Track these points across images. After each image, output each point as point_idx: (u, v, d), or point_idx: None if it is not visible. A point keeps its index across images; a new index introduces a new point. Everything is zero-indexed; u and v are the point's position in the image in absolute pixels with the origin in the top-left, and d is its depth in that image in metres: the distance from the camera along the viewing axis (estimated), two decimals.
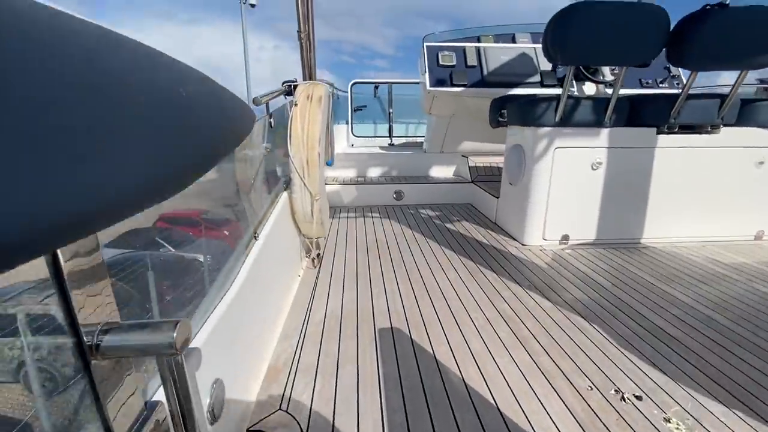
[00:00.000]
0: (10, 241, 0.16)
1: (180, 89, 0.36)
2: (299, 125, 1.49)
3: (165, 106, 0.32)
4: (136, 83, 0.28)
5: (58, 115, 0.19)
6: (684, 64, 1.77)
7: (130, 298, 3.77)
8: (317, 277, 1.70)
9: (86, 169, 0.20)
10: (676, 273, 1.75)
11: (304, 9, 1.62)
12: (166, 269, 5.24)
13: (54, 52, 0.20)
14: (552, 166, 2.01)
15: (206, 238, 1.64)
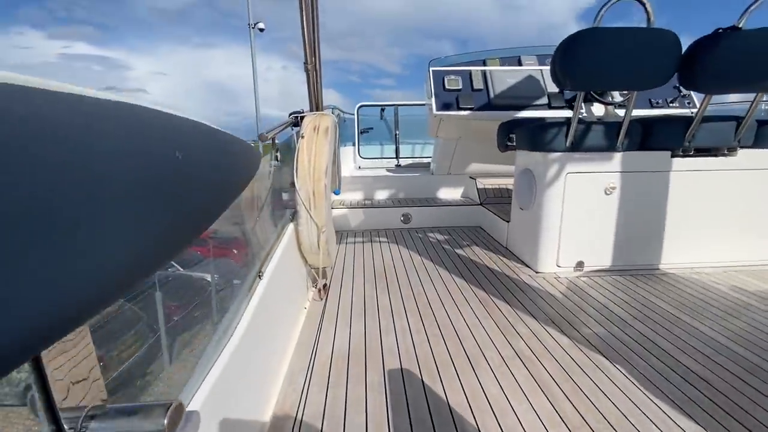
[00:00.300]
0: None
1: (176, 153, 0.34)
2: (306, 157, 1.47)
3: (158, 175, 0.29)
4: (123, 155, 0.25)
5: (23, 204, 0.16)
6: (697, 88, 1.73)
7: (138, 320, 3.80)
8: (324, 309, 1.65)
9: (69, 261, 0.18)
10: (700, 303, 1.67)
11: (310, 40, 1.62)
12: (174, 289, 5.34)
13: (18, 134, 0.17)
14: (564, 191, 1.97)
15: (214, 257, 1.60)
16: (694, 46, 1.68)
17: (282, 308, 1.36)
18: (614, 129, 1.89)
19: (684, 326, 1.49)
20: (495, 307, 1.66)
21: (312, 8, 1.54)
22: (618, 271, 2.03)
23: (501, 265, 2.19)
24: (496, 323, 1.53)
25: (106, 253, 0.21)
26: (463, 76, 2.82)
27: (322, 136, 1.52)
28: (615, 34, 1.63)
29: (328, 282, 1.90)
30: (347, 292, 1.82)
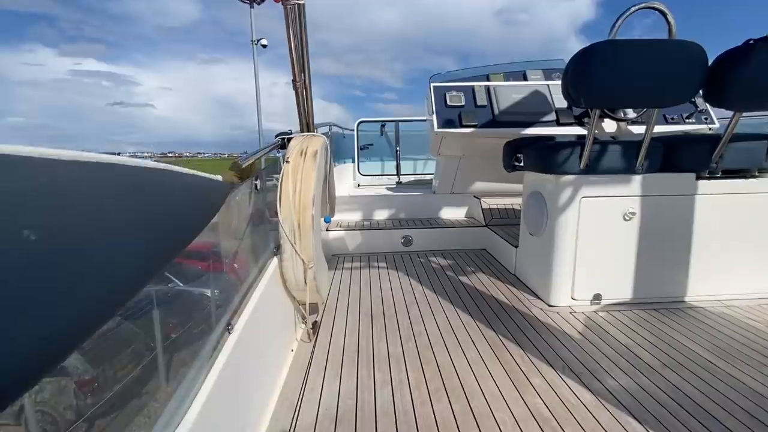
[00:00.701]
0: None
1: (126, 199, 0.45)
2: (290, 185, 1.31)
3: (108, 219, 0.40)
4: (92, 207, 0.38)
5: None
6: (725, 105, 1.57)
7: (136, 337, 3.52)
8: (312, 353, 1.47)
9: None
10: (736, 346, 1.47)
11: (299, 57, 1.49)
12: (173, 305, 5.00)
13: None
14: (578, 216, 1.79)
15: (214, 271, 1.44)
16: (722, 60, 1.52)
17: (262, 357, 1.19)
18: (633, 149, 1.72)
19: (719, 374, 1.30)
20: (505, 350, 1.48)
21: (299, 24, 1.41)
22: (639, 304, 1.84)
23: (509, 296, 2.00)
24: (507, 372, 1.34)
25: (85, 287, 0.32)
26: (466, 92, 2.67)
27: (310, 161, 1.36)
28: (634, 46, 1.48)
29: (319, 318, 1.72)
30: (340, 331, 1.64)
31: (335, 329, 1.66)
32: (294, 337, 1.60)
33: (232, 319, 1.02)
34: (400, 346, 1.51)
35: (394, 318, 1.76)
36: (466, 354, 1.45)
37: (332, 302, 1.95)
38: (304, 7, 1.39)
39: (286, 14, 1.36)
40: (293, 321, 1.61)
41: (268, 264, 1.39)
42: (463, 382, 1.28)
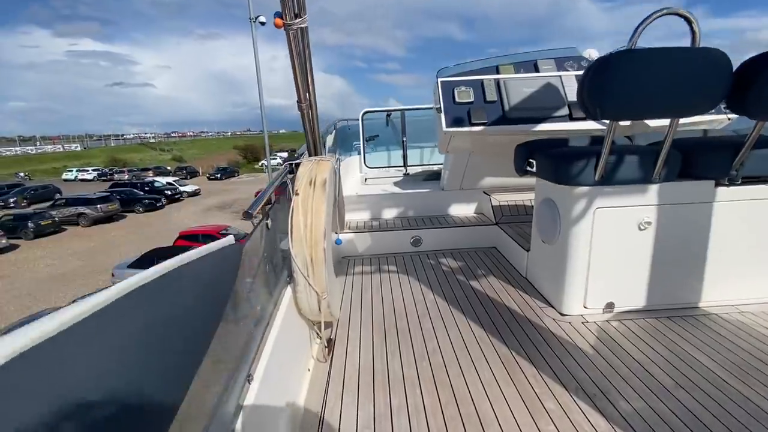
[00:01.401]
0: None
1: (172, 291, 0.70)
2: (301, 219, 1.30)
3: None
4: None
5: None
6: (749, 113, 1.50)
7: None
8: (329, 376, 1.50)
9: None
10: (750, 360, 1.47)
11: (303, 78, 1.44)
12: None
13: None
14: (592, 227, 1.76)
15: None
16: (745, 67, 1.44)
17: (282, 384, 1.22)
18: (650, 158, 1.67)
19: (733, 394, 1.31)
20: (518, 369, 1.49)
21: (303, 46, 1.35)
22: (652, 311, 1.83)
23: (522, 303, 2.00)
24: (521, 395, 1.36)
25: None
26: (475, 87, 2.58)
27: (320, 191, 1.34)
28: (653, 56, 1.40)
29: (334, 335, 1.75)
30: (354, 349, 1.66)
31: (350, 346, 1.69)
32: (310, 354, 1.63)
33: (251, 368, 1.03)
34: (414, 367, 1.53)
35: (407, 332, 1.78)
36: (480, 375, 1.47)
37: (345, 312, 1.97)
38: (307, 30, 1.33)
39: (289, 39, 1.30)
40: (308, 339, 1.64)
41: (283, 294, 1.40)
42: (478, 408, 1.31)
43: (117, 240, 18.99)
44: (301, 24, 1.26)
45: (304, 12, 1.26)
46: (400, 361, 1.57)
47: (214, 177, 41.27)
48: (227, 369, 0.92)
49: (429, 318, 1.90)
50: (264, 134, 16.92)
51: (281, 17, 1.22)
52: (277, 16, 1.22)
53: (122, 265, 13.07)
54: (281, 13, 1.22)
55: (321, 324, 1.48)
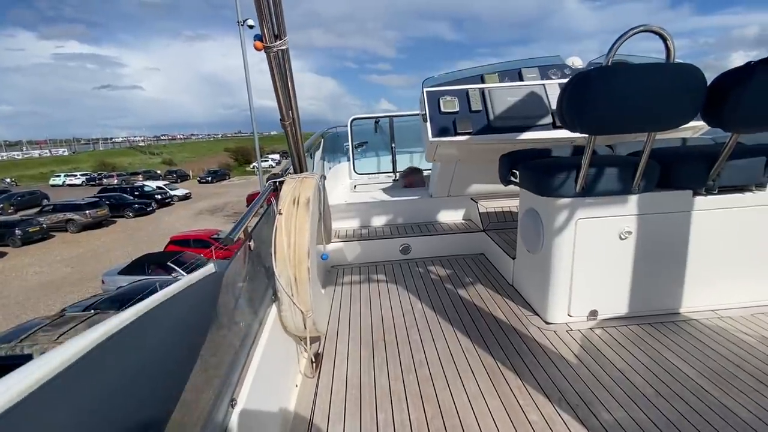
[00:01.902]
0: None
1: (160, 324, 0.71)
2: (284, 238, 1.30)
3: None
4: None
5: None
6: (724, 126, 1.54)
7: None
8: (315, 393, 1.50)
9: None
10: (730, 367, 1.51)
11: (285, 97, 1.44)
12: None
13: None
14: (575, 237, 1.79)
15: (218, 259, 1.46)
16: (720, 81, 1.48)
17: (269, 401, 1.23)
18: (629, 169, 1.70)
19: (712, 403, 1.34)
20: (503, 381, 1.51)
21: (284, 67, 1.36)
22: (635, 318, 1.87)
23: (508, 312, 2.03)
24: (506, 407, 1.38)
25: None
26: (460, 96, 2.61)
27: (303, 210, 1.35)
28: (630, 72, 1.43)
29: (321, 349, 1.76)
30: (342, 363, 1.68)
31: (337, 360, 1.70)
32: (298, 370, 1.64)
33: (235, 391, 1.04)
34: (401, 381, 1.55)
35: (394, 344, 1.79)
36: (465, 387, 1.49)
37: (333, 325, 1.98)
38: (288, 51, 1.34)
39: (270, 60, 1.31)
40: (296, 355, 1.65)
41: (268, 312, 1.41)
42: (463, 421, 1.33)
43: (107, 246, 18.76)
44: (281, 46, 1.27)
45: (284, 34, 1.27)
46: (387, 375, 1.58)
47: (205, 180, 40.96)
48: (210, 397, 0.92)
49: (417, 329, 1.91)
50: (254, 136, 16.83)
51: (261, 40, 1.23)
52: (257, 39, 1.23)
53: (112, 272, 12.91)
54: (261, 36, 1.23)
55: (307, 340, 1.49)
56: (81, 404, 0.49)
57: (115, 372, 0.56)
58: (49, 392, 0.46)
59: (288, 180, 1.48)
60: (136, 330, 0.62)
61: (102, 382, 0.54)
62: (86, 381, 0.52)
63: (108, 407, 0.53)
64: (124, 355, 0.58)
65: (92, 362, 0.52)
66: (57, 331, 7.55)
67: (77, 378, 0.50)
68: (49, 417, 0.46)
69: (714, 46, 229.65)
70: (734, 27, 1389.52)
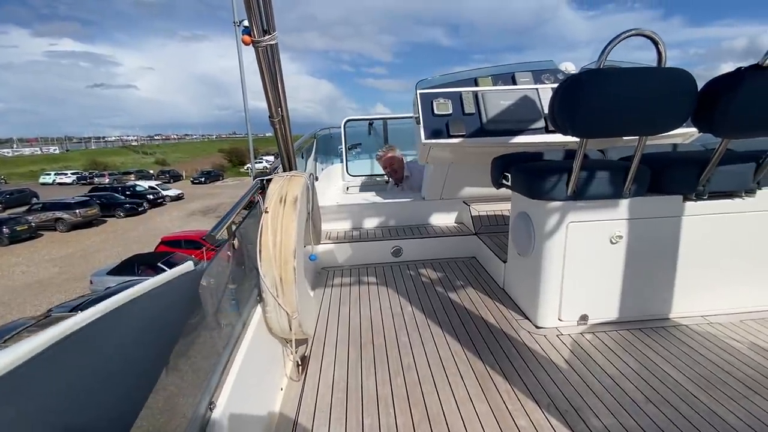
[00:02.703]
0: None
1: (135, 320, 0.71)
2: (270, 238, 1.27)
3: None
4: None
5: None
6: (714, 131, 1.54)
7: None
8: (301, 397, 1.47)
9: None
10: (719, 374, 1.50)
11: (274, 94, 1.42)
12: None
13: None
14: (565, 240, 1.78)
15: (208, 260, 1.43)
16: (711, 86, 1.48)
17: (253, 403, 1.19)
18: (620, 174, 1.70)
19: (701, 409, 1.33)
20: (492, 386, 1.49)
21: (273, 62, 1.34)
22: (625, 323, 1.86)
23: (498, 316, 2.01)
24: (494, 412, 1.36)
25: None
26: (453, 99, 2.60)
27: (290, 209, 1.32)
28: (622, 76, 1.43)
29: (308, 352, 1.72)
30: (329, 366, 1.64)
31: (325, 363, 1.67)
32: (283, 372, 1.60)
33: (215, 394, 1.01)
34: (389, 384, 1.52)
35: (383, 348, 1.76)
36: (454, 392, 1.47)
37: (322, 327, 1.95)
38: (277, 47, 1.32)
39: (258, 56, 1.28)
40: (281, 358, 1.61)
41: (252, 313, 1.37)
42: (451, 427, 1.30)
43: (96, 246, 18.51)
44: (270, 41, 1.25)
45: (273, 29, 1.25)
46: (374, 379, 1.55)
47: (198, 181, 40.69)
48: (186, 400, 0.89)
49: (406, 332, 1.89)
50: (249, 138, 16.75)
51: (249, 34, 1.20)
52: (245, 33, 1.21)
53: (101, 272, 12.73)
54: (249, 30, 1.21)
55: (293, 342, 1.45)
56: (32, 403, 0.46)
57: (74, 371, 0.53)
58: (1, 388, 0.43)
59: (275, 178, 1.45)
60: (102, 327, 0.58)
61: (58, 380, 0.50)
62: (41, 379, 0.49)
63: (61, 409, 0.50)
64: (87, 354, 0.55)
65: (49, 359, 0.49)
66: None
67: (30, 375, 0.47)
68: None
69: (704, 57, 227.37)
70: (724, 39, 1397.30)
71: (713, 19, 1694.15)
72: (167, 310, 0.78)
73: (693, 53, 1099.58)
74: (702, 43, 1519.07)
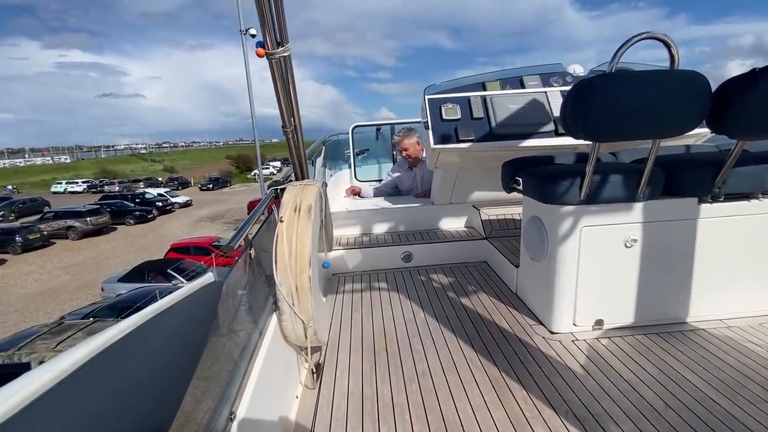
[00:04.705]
0: None
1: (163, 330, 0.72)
2: (285, 247, 1.28)
3: None
4: None
5: None
6: (729, 133, 1.53)
7: None
8: (316, 405, 1.47)
9: None
10: (738, 377, 1.48)
11: (287, 103, 1.44)
12: None
13: None
14: (579, 245, 1.77)
15: (218, 267, 1.44)
16: (725, 88, 1.47)
17: (269, 412, 1.20)
18: (634, 177, 1.69)
19: (721, 414, 1.31)
20: (508, 392, 1.48)
21: (286, 74, 1.35)
22: (641, 327, 1.84)
23: (512, 321, 2.00)
24: (511, 420, 1.35)
25: None
26: (462, 104, 2.60)
27: (305, 218, 1.33)
28: (634, 79, 1.42)
29: (322, 360, 1.73)
30: (343, 374, 1.64)
31: (339, 371, 1.67)
32: (298, 380, 1.60)
33: (234, 404, 1.01)
34: (404, 392, 1.51)
35: (396, 354, 1.76)
36: (470, 398, 1.46)
37: (335, 334, 1.95)
38: (290, 58, 1.33)
39: (272, 67, 1.30)
40: (296, 366, 1.62)
41: (269, 322, 1.38)
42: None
43: (107, 253, 18.75)
44: (284, 53, 1.26)
45: (287, 41, 1.26)
46: (389, 386, 1.55)
47: (206, 187, 41.08)
48: (209, 410, 0.90)
49: (419, 338, 1.88)
50: (255, 144, 16.90)
51: (263, 47, 1.22)
52: (259, 46, 1.23)
53: (112, 279, 12.88)
54: (263, 43, 1.22)
55: (308, 350, 1.46)
56: (77, 417, 0.47)
57: (112, 383, 0.54)
58: (45, 405, 0.45)
59: (289, 187, 1.46)
60: (133, 340, 0.60)
61: (98, 393, 0.52)
62: (82, 393, 0.50)
63: (105, 420, 0.51)
64: (122, 366, 0.57)
65: (89, 373, 0.50)
66: (55, 339, 7.49)
67: (73, 389, 0.48)
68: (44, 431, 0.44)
69: (710, 55, 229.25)
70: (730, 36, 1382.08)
71: (719, 16, 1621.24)
72: (192, 321, 0.79)
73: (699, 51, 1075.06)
74: (708, 41, 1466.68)
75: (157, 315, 0.66)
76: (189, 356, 0.78)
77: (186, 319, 0.77)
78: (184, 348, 0.76)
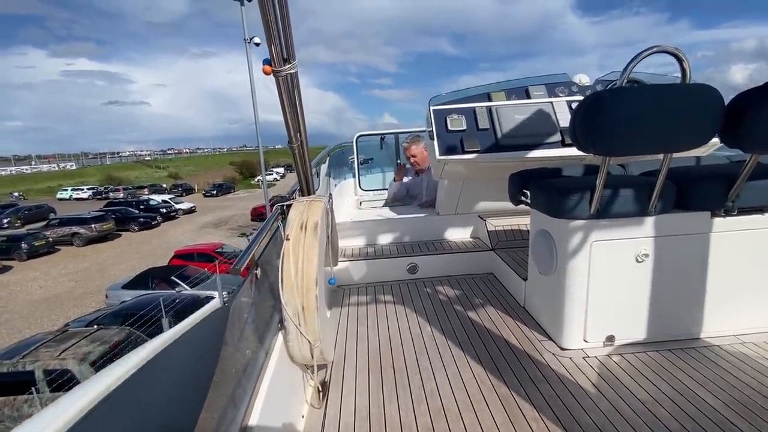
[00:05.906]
0: None
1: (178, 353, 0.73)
2: (292, 266, 1.26)
3: None
4: None
5: None
6: (743, 146, 1.50)
7: None
8: (323, 425, 1.44)
9: None
10: (755, 397, 1.44)
11: (294, 120, 1.42)
12: (178, 311, 5.21)
13: None
14: (589, 259, 1.74)
15: (221, 274, 1.41)
16: (738, 101, 1.44)
17: None
18: (645, 191, 1.66)
19: None
20: (518, 411, 1.45)
21: (292, 89, 1.34)
22: (653, 344, 1.80)
23: (521, 337, 1.96)
24: None
25: None
26: (467, 115, 2.59)
27: (311, 236, 1.31)
28: (645, 93, 1.40)
29: (328, 378, 1.70)
30: (350, 393, 1.61)
31: (345, 389, 1.64)
32: (304, 399, 1.58)
33: (241, 428, 0.99)
34: (412, 412, 1.48)
35: (404, 372, 1.73)
36: (479, 419, 1.43)
37: (340, 350, 1.92)
38: (297, 74, 1.32)
39: (278, 84, 1.29)
40: (302, 385, 1.59)
41: (274, 342, 1.36)
42: None
43: (111, 259, 18.81)
44: (291, 70, 1.25)
45: (293, 58, 1.26)
46: (397, 406, 1.52)
47: (210, 194, 41.24)
48: None
49: (426, 355, 1.85)
50: (259, 150, 16.97)
51: (270, 64, 1.21)
52: (266, 63, 1.22)
53: (116, 286, 12.88)
54: (270, 60, 1.22)
55: (314, 368, 1.43)
56: None
57: (126, 420, 0.53)
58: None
59: (295, 204, 1.44)
60: (143, 377, 0.58)
61: (122, 423, 0.52)
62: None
63: None
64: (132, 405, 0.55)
65: (103, 413, 0.49)
66: (59, 347, 7.48)
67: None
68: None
69: (712, 60, 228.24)
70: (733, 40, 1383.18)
71: (721, 21, 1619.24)
72: (200, 349, 0.79)
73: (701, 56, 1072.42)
74: (710, 46, 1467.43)
75: (166, 348, 0.65)
76: (197, 387, 0.77)
77: (194, 349, 0.76)
78: (193, 378, 0.75)
